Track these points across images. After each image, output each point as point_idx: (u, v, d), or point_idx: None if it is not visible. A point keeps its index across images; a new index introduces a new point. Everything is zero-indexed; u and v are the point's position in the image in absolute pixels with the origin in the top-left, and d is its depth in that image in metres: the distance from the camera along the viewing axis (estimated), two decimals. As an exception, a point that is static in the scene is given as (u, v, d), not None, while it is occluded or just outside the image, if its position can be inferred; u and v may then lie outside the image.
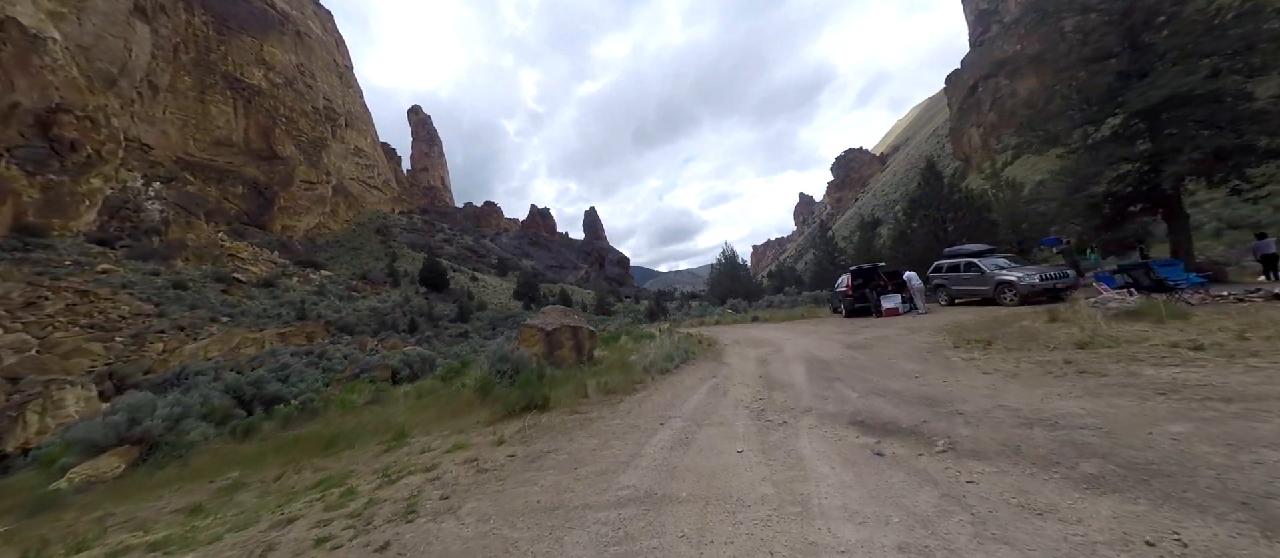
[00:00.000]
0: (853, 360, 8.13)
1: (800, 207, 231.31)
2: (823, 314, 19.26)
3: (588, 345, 10.03)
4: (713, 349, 13.15)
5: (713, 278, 52.05)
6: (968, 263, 13.89)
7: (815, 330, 13.76)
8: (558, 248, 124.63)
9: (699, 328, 25.15)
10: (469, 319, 56.85)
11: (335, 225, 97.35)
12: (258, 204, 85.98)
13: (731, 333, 17.90)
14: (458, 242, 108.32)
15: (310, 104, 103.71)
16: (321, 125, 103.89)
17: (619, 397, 7.35)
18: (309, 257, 75.96)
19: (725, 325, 23.76)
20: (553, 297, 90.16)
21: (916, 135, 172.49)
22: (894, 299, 14.86)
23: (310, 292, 57.41)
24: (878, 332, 11.19)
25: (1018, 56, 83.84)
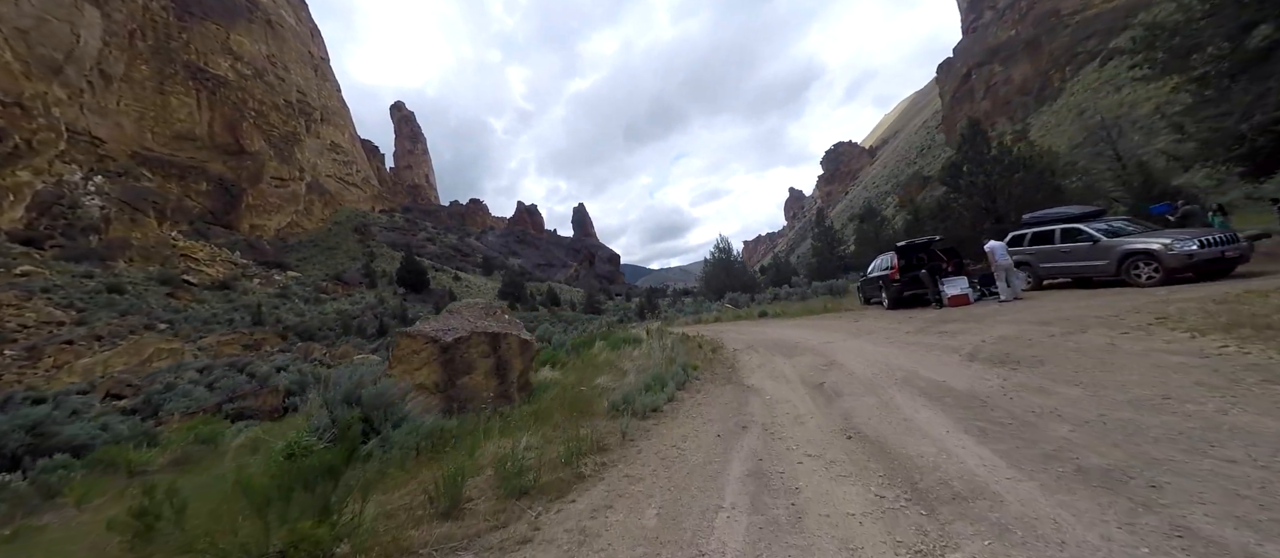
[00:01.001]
0: (1032, 401, 3.97)
1: (790, 202, 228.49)
2: (849, 306, 15.17)
3: (518, 366, 5.82)
4: (721, 359, 9.00)
5: (707, 272, 47.86)
6: (1068, 230, 9.89)
7: (864, 329, 9.65)
8: (546, 246, 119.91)
9: (696, 327, 21.00)
10: (445, 320, 52.20)
11: (309, 224, 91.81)
12: (223, 202, 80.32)
13: (738, 333, 13.78)
14: (441, 241, 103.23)
15: (282, 97, 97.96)
16: (294, 119, 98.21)
17: (537, 507, 3.13)
18: (277, 257, 70.64)
19: (727, 323, 19.61)
20: (540, 296, 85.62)
21: (906, 128, 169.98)
22: (960, 282, 10.81)
23: (272, 295, 52.41)
24: (981, 331, 7.08)
25: (1012, 42, 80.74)
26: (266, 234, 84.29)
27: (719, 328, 17.64)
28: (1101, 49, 61.34)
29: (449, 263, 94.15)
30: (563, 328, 37.73)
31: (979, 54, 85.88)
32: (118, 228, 48.79)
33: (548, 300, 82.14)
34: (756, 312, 18.58)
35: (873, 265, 13.81)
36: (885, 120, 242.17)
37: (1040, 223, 10.88)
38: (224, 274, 52.56)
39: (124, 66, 75.15)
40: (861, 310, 13.67)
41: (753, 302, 24.29)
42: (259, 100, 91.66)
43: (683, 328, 22.76)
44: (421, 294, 70.86)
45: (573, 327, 45.39)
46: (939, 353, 6.17)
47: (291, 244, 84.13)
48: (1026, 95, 77.40)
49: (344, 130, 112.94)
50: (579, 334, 14.08)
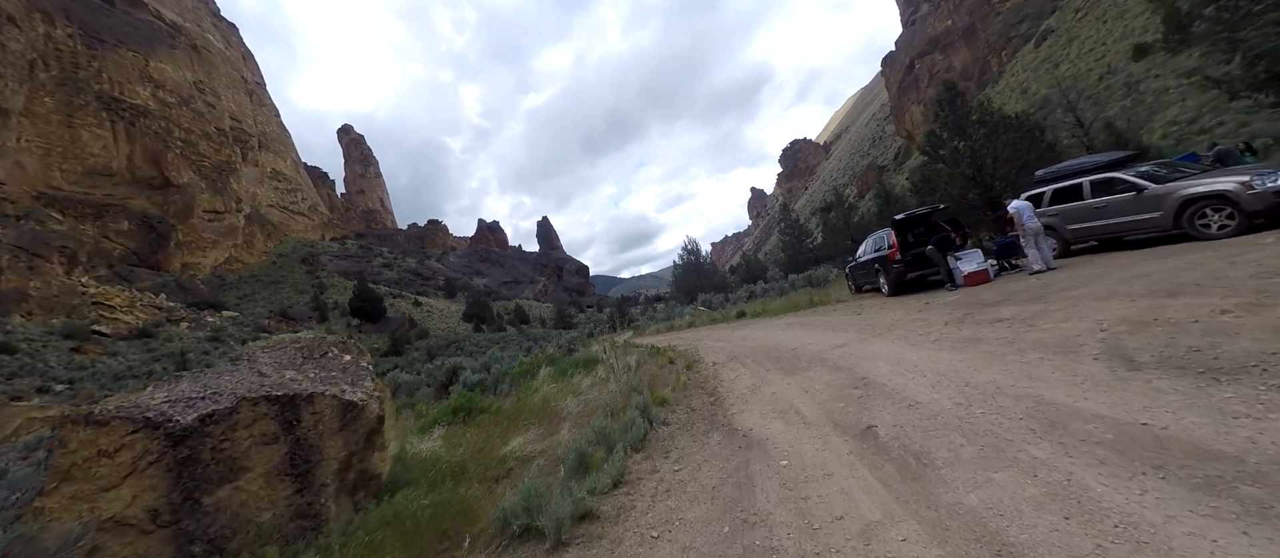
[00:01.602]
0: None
1: (753, 201, 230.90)
2: (839, 297, 13.13)
3: (337, 453, 3.21)
4: (698, 381, 6.64)
5: (677, 276, 45.72)
6: (1101, 181, 8.04)
7: (880, 325, 7.50)
8: (511, 263, 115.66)
9: (668, 336, 18.64)
10: (403, 351, 48.22)
11: (251, 258, 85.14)
12: (150, 241, 73.25)
13: (717, 340, 11.50)
14: (399, 266, 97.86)
15: (213, 125, 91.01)
16: (228, 148, 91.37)
17: None
18: (212, 297, 64.54)
19: (702, 329, 17.34)
20: (508, 314, 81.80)
21: (856, 122, 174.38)
22: (975, 256, 8.84)
23: (203, 339, 47.14)
24: (1065, 312, 4.95)
25: (950, 31, 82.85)
26: (202, 273, 77.45)
27: (694, 335, 15.34)
28: (1033, 31, 63.14)
29: (408, 288, 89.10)
30: (524, 348, 34.78)
31: (920, 45, 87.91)
32: (11, 278, 42.74)
33: (516, 319, 78.47)
34: (733, 313, 16.39)
35: (863, 247, 11.81)
36: (836, 117, 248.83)
37: (1060, 177, 9.04)
38: (145, 321, 46.95)
39: (24, 100, 67.78)
40: (856, 300, 11.62)
41: (727, 302, 22.16)
42: (186, 129, 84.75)
43: (654, 337, 20.41)
44: (378, 324, 66.25)
45: (538, 344, 42.33)
46: (1038, 355, 3.97)
47: (231, 281, 77.54)
48: (968, 80, 79.33)
49: (285, 157, 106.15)
50: (522, 360, 11.46)
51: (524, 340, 50.78)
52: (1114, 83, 33.26)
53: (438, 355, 45.62)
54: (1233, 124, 17.63)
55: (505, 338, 55.08)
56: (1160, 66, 29.50)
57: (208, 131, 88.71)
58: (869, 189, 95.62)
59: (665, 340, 17.20)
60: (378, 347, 49.87)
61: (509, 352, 21.01)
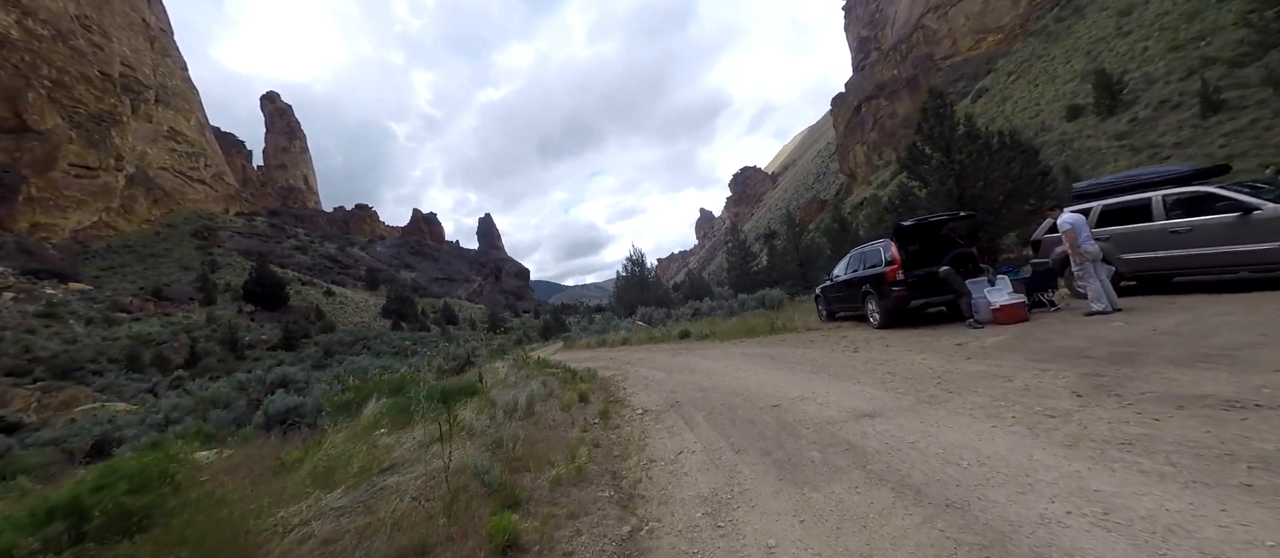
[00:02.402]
0: None
1: (701, 221, 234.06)
2: (809, 324, 10.53)
3: None
4: (610, 445, 3.58)
5: (619, 287, 42.55)
6: (1189, 197, 5.84)
7: (910, 374, 4.78)
8: (446, 258, 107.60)
9: (595, 353, 15.40)
10: (297, 345, 41.41)
11: (127, 225, 72.74)
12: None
13: (651, 367, 8.57)
14: (315, 250, 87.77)
15: (97, 68, 77.76)
16: (114, 96, 78.35)
17: None
18: (62, 266, 53.58)
19: (636, 348, 14.28)
20: (434, 313, 74.92)
21: (803, 156, 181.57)
22: (1003, 285, 6.40)
23: (31, 314, 38.00)
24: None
25: (895, 80, 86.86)
26: (58, 236, 64.80)
27: (626, 356, 12.24)
28: (970, 90, 67.02)
29: (323, 276, 79.70)
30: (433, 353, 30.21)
31: (868, 90, 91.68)
32: None
33: (443, 318, 71.91)
34: (676, 332, 13.47)
35: (845, 265, 9.26)
36: (785, 149, 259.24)
37: (1112, 191, 6.87)
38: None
39: None
40: (832, 329, 9.00)
41: (670, 319, 19.29)
42: (59, 69, 71.58)
43: (580, 353, 17.11)
44: (278, 311, 57.69)
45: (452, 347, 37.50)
46: None
47: (96, 249, 65.40)
48: (909, 128, 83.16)
49: (189, 116, 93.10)
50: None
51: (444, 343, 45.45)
52: (1049, 139, 34.33)
53: (337, 353, 39.49)
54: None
55: (424, 339, 49.30)
56: (1092, 128, 30.43)
57: (89, 75, 75.57)
58: (811, 221, 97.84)
59: (591, 359, 13.94)
60: (267, 338, 42.66)
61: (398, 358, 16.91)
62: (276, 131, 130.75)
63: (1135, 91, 27.53)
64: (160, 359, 33.13)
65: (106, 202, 71.49)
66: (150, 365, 32.31)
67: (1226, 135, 20.30)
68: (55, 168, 66.40)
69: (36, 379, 25.54)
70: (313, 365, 35.58)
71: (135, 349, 32.31)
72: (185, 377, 27.99)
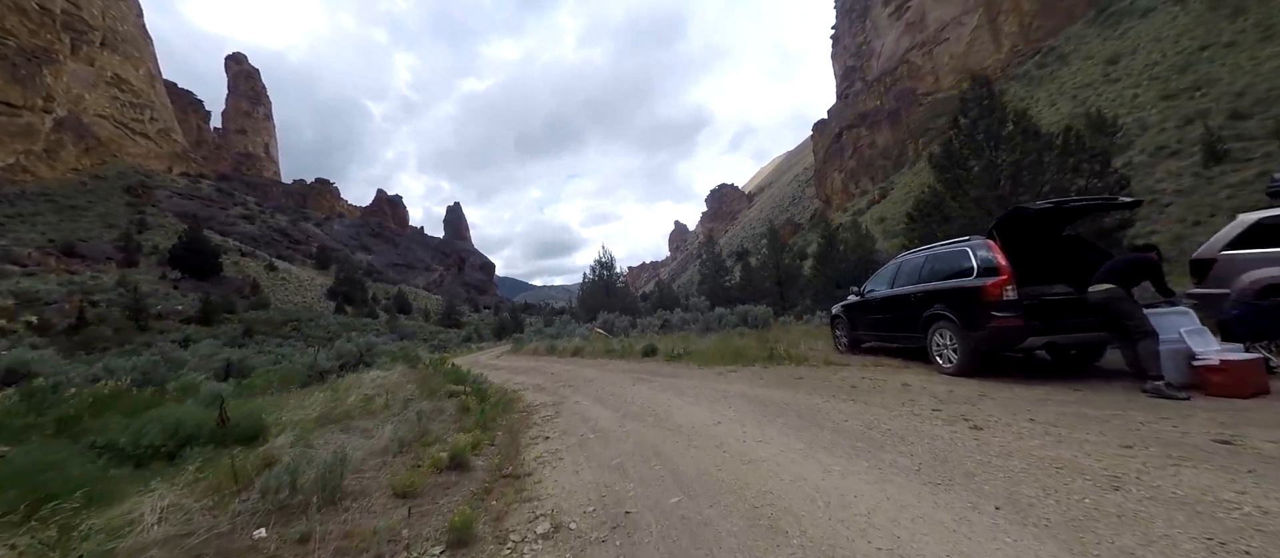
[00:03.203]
0: None
1: (675, 234, 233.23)
2: (813, 348, 7.83)
3: None
4: None
5: (584, 289, 39.28)
6: None
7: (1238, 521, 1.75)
8: (407, 244, 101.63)
9: (540, 362, 12.47)
10: (214, 321, 36.43)
11: (49, 172, 64.98)
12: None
13: (597, 399, 5.74)
14: (264, 221, 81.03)
15: (37, 1, 69.69)
16: (52, 33, 70.48)
17: None
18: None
19: (588, 360, 11.41)
20: (386, 300, 69.69)
21: (780, 179, 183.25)
22: (1201, 331, 3.80)
23: (-112, 255, 31.87)
24: None
25: (877, 111, 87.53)
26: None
27: (573, 371, 9.33)
28: (950, 127, 67.35)
29: (269, 248, 73.27)
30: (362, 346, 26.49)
31: (850, 118, 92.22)
32: None
33: (395, 306, 66.81)
34: (639, 346, 10.63)
35: (887, 274, 6.38)
36: (762, 171, 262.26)
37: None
38: None
39: None
40: (871, 367, 6.25)
41: (634, 329, 16.44)
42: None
43: (521, 360, 14.07)
44: (209, 281, 51.78)
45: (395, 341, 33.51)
46: None
47: (7, 194, 57.73)
48: (887, 160, 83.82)
49: (139, 65, 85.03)
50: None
51: (389, 336, 41.23)
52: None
53: (262, 334, 34.83)
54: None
55: (365, 326, 44.80)
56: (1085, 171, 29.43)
57: (25, 6, 67.64)
58: (785, 242, 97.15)
59: (531, 370, 10.92)
60: (182, 309, 37.46)
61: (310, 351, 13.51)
62: (239, 94, 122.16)
63: (1130, 136, 26.66)
64: (39, 322, 27.95)
65: (27, 143, 63.61)
66: (23, 328, 27.14)
67: (1232, 187, 19.06)
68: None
69: None
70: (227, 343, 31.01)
71: (23, 309, 27.08)
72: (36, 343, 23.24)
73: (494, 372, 11.11)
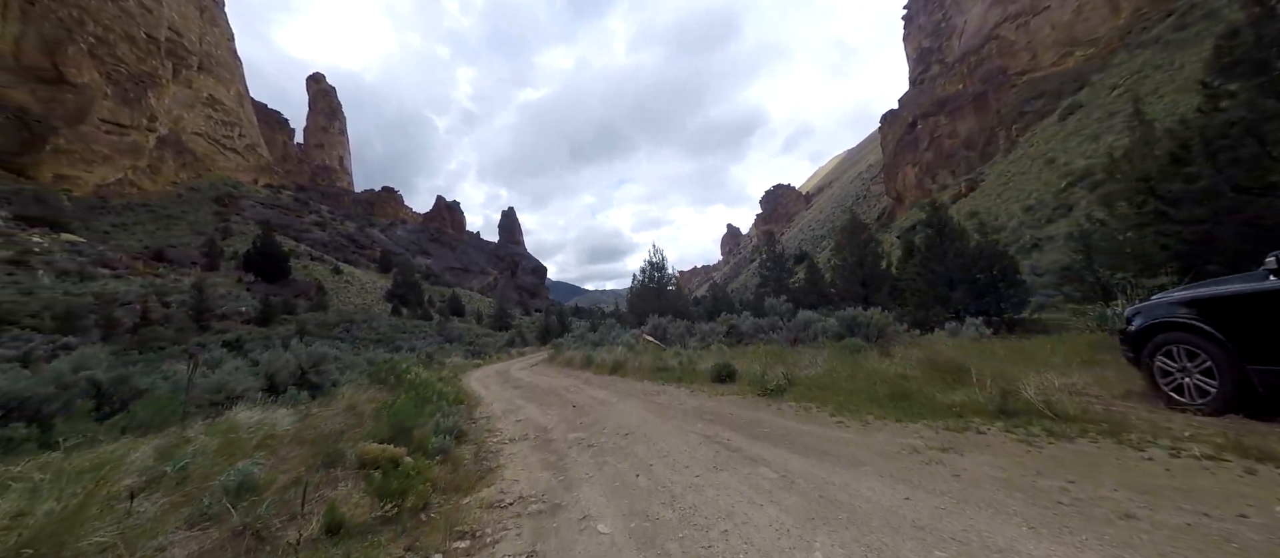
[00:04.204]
0: None
1: (727, 237, 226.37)
2: (1062, 381, 3.96)
3: None
4: None
5: (633, 291, 35.93)
6: None
7: None
8: (464, 248, 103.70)
9: (569, 376, 9.23)
10: (272, 322, 36.69)
11: (152, 185, 71.01)
12: (18, 140, 58.93)
13: (641, 512, 2.04)
14: (334, 228, 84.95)
15: (144, 30, 77.15)
16: (156, 59, 77.53)
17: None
18: (57, 214, 50.95)
19: (634, 380, 8.00)
20: (441, 302, 70.33)
21: (841, 178, 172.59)
22: None
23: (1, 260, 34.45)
24: None
25: (959, 96, 78.47)
26: (82, 189, 63.09)
27: (603, 409, 5.93)
28: (1050, 108, 58.46)
29: (337, 253, 76.39)
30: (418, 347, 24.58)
31: (925, 106, 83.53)
32: None
33: (448, 309, 67.09)
34: (704, 365, 7.09)
35: None
36: (820, 172, 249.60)
37: None
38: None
39: (-120, -63, 53.77)
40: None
41: (692, 337, 12.85)
42: (105, 26, 70.81)
43: (555, 370, 10.96)
44: (278, 284, 53.79)
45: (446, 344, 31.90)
46: None
47: (114, 206, 63.39)
48: (970, 150, 74.82)
49: (229, 86, 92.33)
50: None
51: (435, 338, 40.09)
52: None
53: (313, 335, 34.46)
54: None
55: (418, 329, 44.16)
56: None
57: (134, 35, 74.85)
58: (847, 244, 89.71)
59: (549, 392, 7.66)
60: (246, 310, 38.13)
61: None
62: (318, 111, 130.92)
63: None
64: (108, 321, 28.59)
65: (134, 160, 69.98)
66: (93, 327, 27.78)
67: None
68: (86, 122, 65.08)
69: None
70: (281, 343, 30.59)
71: (77, 307, 27.81)
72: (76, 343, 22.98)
73: (502, 392, 7.97)
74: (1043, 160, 44.97)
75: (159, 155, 73.84)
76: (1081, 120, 46.13)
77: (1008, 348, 6.19)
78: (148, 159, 71.88)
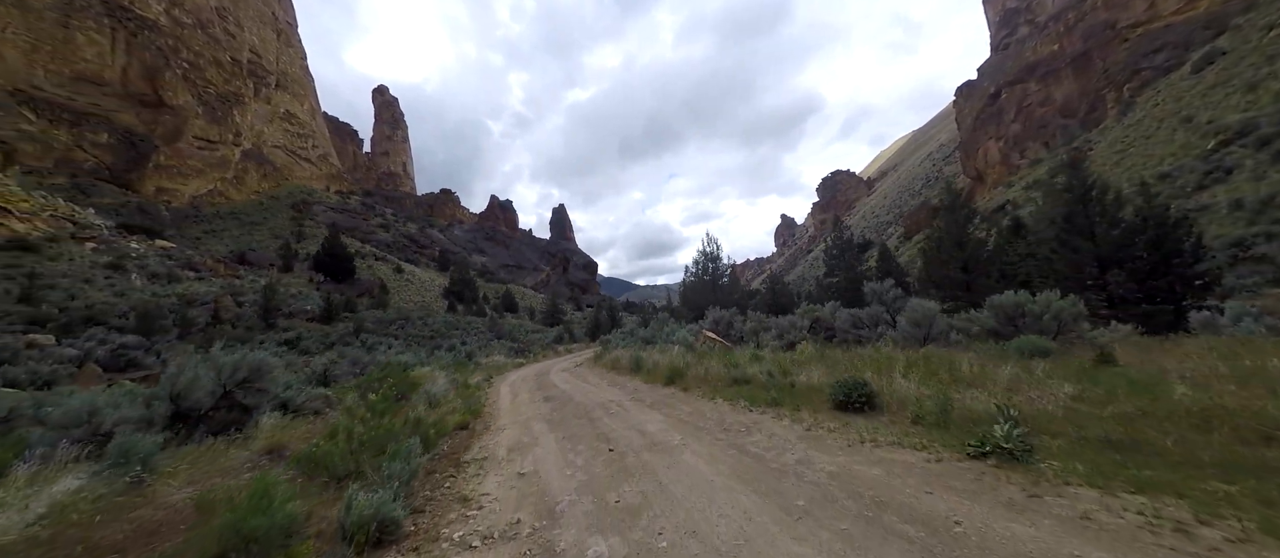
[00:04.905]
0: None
1: (781, 228, 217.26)
2: None
3: None
4: None
5: (687, 285, 33.17)
6: None
7: None
8: (517, 246, 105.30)
9: (608, 386, 6.92)
10: (333, 319, 37.47)
11: (237, 195, 76.73)
12: (127, 158, 65.14)
13: None
14: (397, 229, 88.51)
15: (229, 54, 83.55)
16: (240, 80, 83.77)
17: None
18: (154, 222, 55.48)
19: (701, 404, 5.50)
20: (494, 298, 71.11)
21: (905, 161, 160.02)
22: None
23: (99, 263, 37.41)
24: None
25: (1055, 57, 68.96)
26: (179, 200, 69.11)
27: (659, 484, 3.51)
28: (1175, 60, 49.37)
29: (399, 253, 79.36)
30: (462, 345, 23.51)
31: (1012, 72, 74.28)
32: (-127, 153, 33.74)
33: (503, 305, 67.56)
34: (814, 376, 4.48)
35: None
36: (882, 155, 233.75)
37: None
38: (38, 232, 37.50)
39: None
40: None
41: (768, 333, 10.19)
42: (196, 52, 77.17)
43: (596, 374, 8.75)
44: (344, 283, 55.99)
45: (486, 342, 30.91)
46: None
47: (206, 214, 68.92)
48: (1069, 117, 65.56)
49: (303, 101, 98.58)
50: None
51: (485, 334, 39.53)
52: None
53: (366, 333, 34.74)
54: None
55: (468, 325, 43.98)
56: None
57: (221, 59, 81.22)
58: (918, 230, 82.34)
59: (580, 419, 5.38)
60: (311, 308, 39.30)
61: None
62: (383, 122, 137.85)
63: None
64: (183, 320, 29.89)
65: (222, 173, 76.01)
66: (171, 326, 29.09)
67: None
68: (182, 140, 71.24)
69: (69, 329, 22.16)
70: (340, 341, 30.86)
71: (156, 308, 29.18)
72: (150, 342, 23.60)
73: (527, 407, 5.81)
74: (1177, 120, 37.57)
75: (243, 167, 79.77)
76: (1226, 70, 38.10)
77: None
78: (233, 171, 77.82)
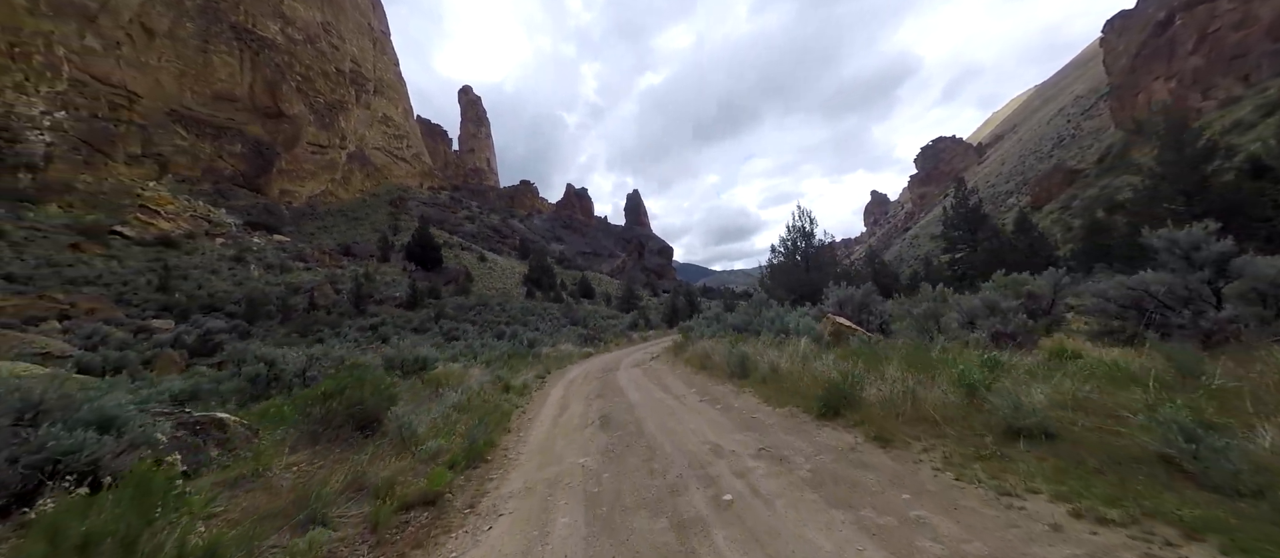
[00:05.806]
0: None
1: (872, 206, 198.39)
2: None
3: None
4: None
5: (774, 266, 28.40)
6: None
7: None
8: (593, 233, 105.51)
9: (677, 405, 3.59)
10: (420, 305, 38.26)
11: (345, 194, 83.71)
12: (256, 165, 73.21)
13: None
14: (482, 220, 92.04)
15: (334, 65, 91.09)
16: (344, 88, 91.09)
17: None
18: (274, 220, 61.28)
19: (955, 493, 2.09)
20: (571, 285, 71.00)
21: (1029, 121, 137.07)
22: None
23: (225, 256, 41.39)
24: None
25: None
26: (298, 200, 76.74)
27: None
28: None
29: (483, 243, 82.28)
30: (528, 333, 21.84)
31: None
32: (61, 168, 39.72)
33: (579, 291, 67.12)
34: None
35: None
36: (995, 118, 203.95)
37: None
38: (179, 229, 42.29)
39: (169, 23, 69.59)
40: None
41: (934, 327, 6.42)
42: (306, 66, 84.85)
43: (682, 372, 5.74)
44: (433, 271, 58.44)
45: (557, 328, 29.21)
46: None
47: (320, 212, 75.83)
48: (1278, 41, 50.46)
49: (397, 104, 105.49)
50: None
51: (560, 320, 38.17)
52: None
53: (445, 318, 34.79)
54: None
55: (543, 311, 43.15)
56: None
57: (327, 70, 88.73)
58: (1049, 198, 68.96)
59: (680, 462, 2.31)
60: (399, 295, 40.62)
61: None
62: (468, 120, 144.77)
63: None
64: (285, 306, 31.59)
65: (331, 174, 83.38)
66: (275, 311, 30.82)
67: None
68: (298, 145, 78.92)
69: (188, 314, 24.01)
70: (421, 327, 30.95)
71: (260, 295, 31.03)
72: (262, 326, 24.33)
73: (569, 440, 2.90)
74: None
75: (349, 169, 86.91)
76: None
77: None
78: (341, 172, 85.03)
